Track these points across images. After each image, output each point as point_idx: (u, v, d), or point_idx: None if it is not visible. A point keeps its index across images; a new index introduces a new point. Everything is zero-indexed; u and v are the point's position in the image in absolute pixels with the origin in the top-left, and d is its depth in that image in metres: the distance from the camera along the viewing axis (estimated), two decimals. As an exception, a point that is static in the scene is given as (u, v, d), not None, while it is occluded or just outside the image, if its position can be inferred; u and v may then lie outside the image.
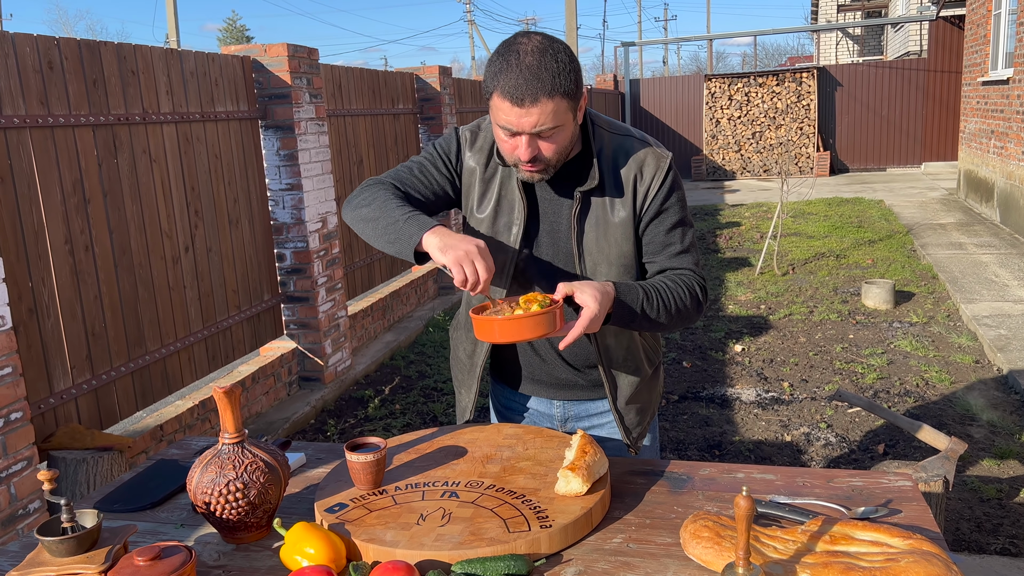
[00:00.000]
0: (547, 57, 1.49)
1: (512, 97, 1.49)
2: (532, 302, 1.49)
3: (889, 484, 1.54)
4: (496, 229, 1.72)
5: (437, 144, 1.79)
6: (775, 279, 7.43)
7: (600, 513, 1.44)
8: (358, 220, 1.69)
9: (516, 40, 1.53)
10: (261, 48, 4.63)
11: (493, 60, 1.53)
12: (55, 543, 1.26)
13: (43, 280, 3.11)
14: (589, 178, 1.66)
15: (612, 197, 1.68)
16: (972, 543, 3.06)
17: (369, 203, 1.67)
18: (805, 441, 4.03)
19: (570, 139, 1.60)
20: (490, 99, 1.55)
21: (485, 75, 1.55)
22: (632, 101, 17.78)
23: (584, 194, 1.67)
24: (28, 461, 2.85)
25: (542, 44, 1.51)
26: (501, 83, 1.50)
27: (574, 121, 1.58)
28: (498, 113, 1.53)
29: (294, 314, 4.93)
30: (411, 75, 7.01)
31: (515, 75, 1.48)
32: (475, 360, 1.85)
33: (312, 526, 1.31)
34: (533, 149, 1.54)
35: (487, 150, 1.75)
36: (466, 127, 1.80)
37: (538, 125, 1.50)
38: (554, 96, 1.49)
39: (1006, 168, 9.22)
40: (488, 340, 1.48)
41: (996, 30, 10.18)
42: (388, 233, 1.62)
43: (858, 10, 23.87)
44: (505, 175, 1.72)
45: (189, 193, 4.03)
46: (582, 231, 1.68)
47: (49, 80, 3.16)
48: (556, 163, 1.60)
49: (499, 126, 1.55)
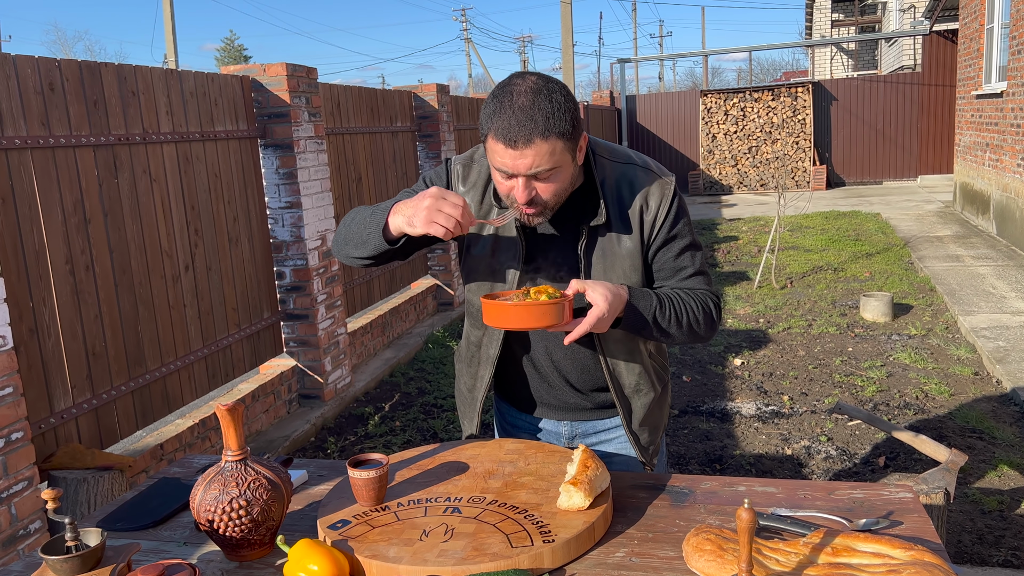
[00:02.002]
0: (541, 98, 1.47)
1: (505, 139, 1.46)
2: (542, 293, 1.50)
3: (890, 496, 1.55)
4: (493, 268, 1.70)
5: (427, 178, 1.77)
6: (773, 293, 7.45)
7: (602, 528, 1.44)
8: (339, 245, 1.72)
9: (511, 81, 1.51)
10: (260, 68, 4.66)
11: (488, 102, 1.52)
12: (59, 562, 1.26)
13: (44, 300, 3.12)
14: (597, 214, 1.64)
15: (618, 228, 1.66)
16: (974, 555, 3.05)
17: (343, 225, 1.71)
18: (806, 454, 4.03)
19: (569, 180, 1.57)
20: (485, 142, 1.53)
21: (481, 117, 1.53)
22: (628, 117, 17.87)
23: (590, 228, 1.65)
24: (29, 481, 2.84)
25: (536, 85, 1.49)
26: (495, 125, 1.48)
27: (573, 162, 1.55)
28: (494, 156, 1.51)
29: (294, 331, 4.94)
30: (409, 93, 7.05)
31: (508, 116, 1.46)
32: (475, 395, 1.85)
33: (315, 543, 1.31)
34: (530, 191, 1.52)
35: (481, 187, 1.72)
36: (458, 159, 1.76)
37: (533, 167, 1.48)
38: (548, 137, 1.46)
39: (1001, 180, 9.27)
40: (496, 325, 1.49)
41: (989, 44, 10.26)
42: (361, 236, 1.63)
43: (852, 25, 24.04)
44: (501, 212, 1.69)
45: (189, 212, 4.04)
46: (589, 264, 1.66)
47: (50, 101, 3.18)
48: (554, 205, 1.57)
49: (495, 168, 1.53)
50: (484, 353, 1.81)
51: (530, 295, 1.51)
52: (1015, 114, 8.68)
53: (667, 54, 23.79)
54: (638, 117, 17.84)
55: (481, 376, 1.83)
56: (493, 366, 1.79)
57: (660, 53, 61.65)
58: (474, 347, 1.84)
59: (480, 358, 1.82)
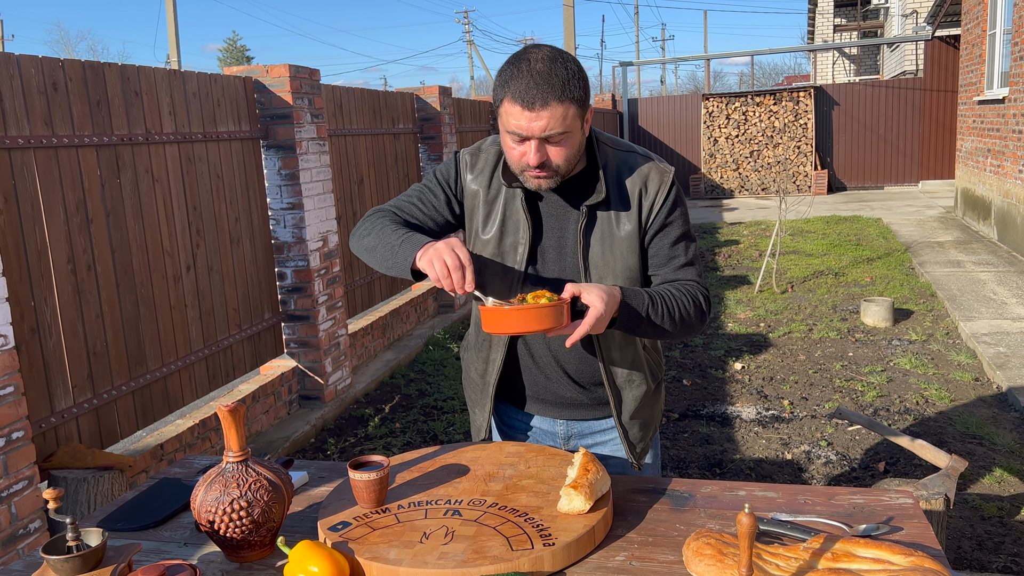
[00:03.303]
0: (557, 65, 1.53)
1: (523, 101, 1.52)
2: (540, 298, 1.52)
3: (890, 502, 1.55)
4: (502, 249, 1.74)
5: (437, 171, 1.82)
6: (774, 297, 7.45)
7: (603, 531, 1.44)
8: (362, 250, 1.75)
9: (526, 51, 1.57)
10: (263, 69, 4.67)
11: (503, 70, 1.57)
12: (60, 562, 1.27)
13: (45, 299, 3.12)
14: (595, 192, 1.69)
15: (617, 211, 1.70)
16: (974, 561, 3.05)
17: (369, 232, 1.73)
18: (806, 459, 4.03)
19: (578, 148, 1.62)
20: (500, 107, 1.57)
21: (495, 85, 1.58)
22: (630, 120, 17.88)
23: (590, 208, 1.70)
24: (29, 480, 2.85)
25: (552, 53, 1.56)
26: (511, 89, 1.53)
27: (581, 131, 1.61)
28: (508, 118, 1.56)
29: (294, 332, 4.94)
30: (411, 95, 7.06)
31: (526, 80, 1.52)
32: (487, 379, 1.86)
33: (316, 544, 1.31)
34: (542, 155, 1.57)
35: (489, 171, 1.77)
36: (466, 150, 1.82)
37: (547, 129, 1.53)
38: (564, 101, 1.52)
39: (1003, 186, 9.27)
40: (496, 331, 1.51)
41: (991, 50, 10.27)
42: (387, 259, 1.67)
43: (854, 30, 24.06)
44: (509, 196, 1.74)
45: (191, 212, 4.05)
46: (588, 245, 1.70)
47: (53, 101, 3.19)
48: (564, 171, 1.63)
49: (508, 132, 1.58)
50: (495, 336, 1.83)
51: (527, 301, 1.52)
52: (1017, 120, 8.68)
53: (669, 58, 23.81)
54: (640, 120, 17.85)
55: (492, 359, 1.84)
56: (505, 348, 1.81)
57: (662, 57, 61.66)
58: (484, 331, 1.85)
59: (492, 341, 1.84)
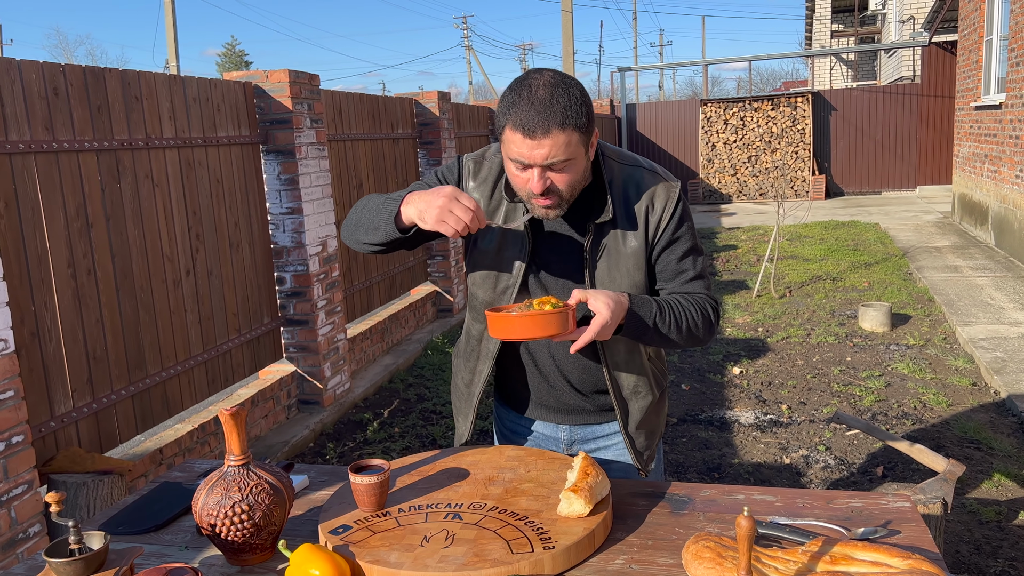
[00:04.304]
0: (559, 91, 1.51)
1: (524, 129, 1.50)
2: (546, 303, 1.52)
3: (888, 505, 1.56)
4: (500, 262, 1.73)
5: (439, 171, 1.80)
6: (772, 302, 7.46)
7: (602, 534, 1.45)
8: (349, 230, 1.74)
9: (528, 76, 1.55)
10: (263, 74, 4.68)
11: (505, 96, 1.55)
12: (62, 565, 1.27)
13: (45, 304, 3.13)
14: (604, 212, 1.67)
15: (624, 228, 1.69)
16: (972, 566, 3.06)
17: (354, 211, 1.74)
18: (804, 463, 4.03)
19: (582, 174, 1.61)
20: (502, 134, 1.56)
21: (497, 111, 1.57)
22: (628, 125, 17.91)
23: (597, 226, 1.68)
24: (29, 484, 2.85)
25: (554, 79, 1.53)
26: (513, 116, 1.51)
27: (586, 156, 1.59)
28: (510, 146, 1.54)
29: (293, 337, 4.95)
30: (410, 100, 7.07)
31: (527, 108, 1.50)
32: (472, 390, 1.86)
33: (317, 548, 1.32)
34: (545, 182, 1.55)
35: (492, 181, 1.75)
36: (470, 156, 1.80)
37: (550, 157, 1.51)
38: (565, 128, 1.50)
39: (1000, 192, 9.29)
40: (501, 337, 1.51)
41: (988, 56, 10.30)
42: (373, 222, 1.66)
43: (852, 36, 24.11)
44: (510, 208, 1.72)
45: (191, 217, 4.06)
46: (594, 262, 1.69)
47: (54, 106, 3.19)
48: (569, 197, 1.61)
49: (511, 159, 1.56)
50: (484, 348, 1.82)
51: (533, 306, 1.52)
52: (1014, 126, 8.71)
53: (667, 63, 23.86)
54: (638, 125, 17.88)
55: (479, 371, 1.84)
56: (492, 361, 1.80)
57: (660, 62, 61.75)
58: (474, 341, 1.85)
59: (480, 353, 1.84)
